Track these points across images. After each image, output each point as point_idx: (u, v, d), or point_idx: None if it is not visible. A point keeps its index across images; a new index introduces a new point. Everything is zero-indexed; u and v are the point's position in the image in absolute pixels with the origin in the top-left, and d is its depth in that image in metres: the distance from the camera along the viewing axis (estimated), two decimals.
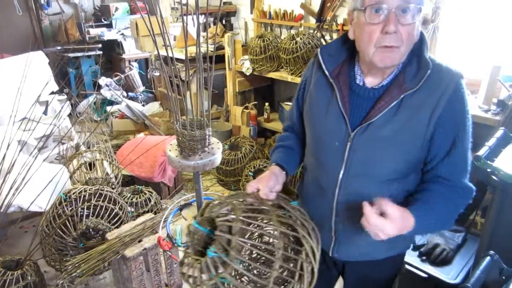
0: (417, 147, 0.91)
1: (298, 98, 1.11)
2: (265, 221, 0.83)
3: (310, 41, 2.79)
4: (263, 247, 0.80)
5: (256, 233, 0.83)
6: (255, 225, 0.82)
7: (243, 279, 0.81)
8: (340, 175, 0.96)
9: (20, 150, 2.07)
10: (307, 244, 0.80)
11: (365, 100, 0.93)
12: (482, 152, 1.35)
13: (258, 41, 3.10)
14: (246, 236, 0.80)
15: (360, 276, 1.13)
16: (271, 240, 0.81)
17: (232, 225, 0.78)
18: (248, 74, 3.32)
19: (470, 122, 0.93)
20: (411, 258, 1.62)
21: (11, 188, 1.92)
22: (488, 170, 1.24)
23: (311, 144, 1.06)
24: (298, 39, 2.83)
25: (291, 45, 2.88)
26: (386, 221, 0.81)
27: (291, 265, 0.80)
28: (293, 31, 3.09)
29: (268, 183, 0.94)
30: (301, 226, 0.83)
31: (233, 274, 0.76)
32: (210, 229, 0.85)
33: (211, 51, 1.79)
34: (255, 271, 0.83)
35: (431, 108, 0.88)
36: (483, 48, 2.39)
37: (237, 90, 3.58)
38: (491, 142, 1.43)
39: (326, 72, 0.96)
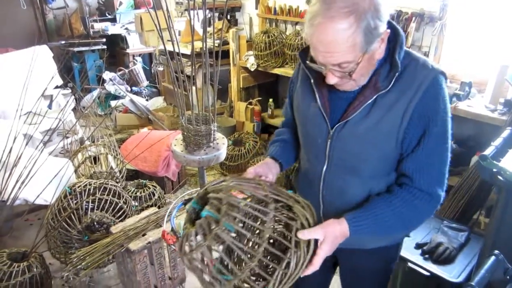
0: (391, 146, 0.93)
1: (290, 95, 1.18)
2: (257, 189, 0.84)
3: None
4: (255, 207, 0.80)
5: (248, 197, 0.84)
6: (247, 191, 0.83)
7: (237, 236, 0.81)
8: (324, 170, 1.03)
9: (26, 144, 2.09)
10: (301, 215, 0.81)
11: (343, 100, 0.97)
12: (488, 151, 1.35)
13: (263, 37, 3.09)
14: (240, 196, 0.82)
15: (354, 265, 1.19)
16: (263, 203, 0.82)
17: (223, 186, 0.82)
18: (252, 70, 3.32)
19: (447, 122, 0.90)
20: (414, 256, 1.63)
21: (17, 181, 1.94)
22: (494, 170, 1.24)
23: (301, 139, 1.13)
24: (303, 35, 2.83)
25: (296, 41, 2.87)
26: (318, 251, 0.83)
27: (286, 231, 0.81)
28: (298, 27, 3.08)
29: (256, 169, 1.01)
30: (294, 201, 0.85)
31: (226, 232, 0.75)
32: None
33: (217, 46, 1.79)
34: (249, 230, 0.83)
35: (404, 107, 0.89)
36: (490, 47, 2.37)
37: (241, 86, 3.58)
38: (498, 142, 1.43)
39: (310, 76, 1.00)
